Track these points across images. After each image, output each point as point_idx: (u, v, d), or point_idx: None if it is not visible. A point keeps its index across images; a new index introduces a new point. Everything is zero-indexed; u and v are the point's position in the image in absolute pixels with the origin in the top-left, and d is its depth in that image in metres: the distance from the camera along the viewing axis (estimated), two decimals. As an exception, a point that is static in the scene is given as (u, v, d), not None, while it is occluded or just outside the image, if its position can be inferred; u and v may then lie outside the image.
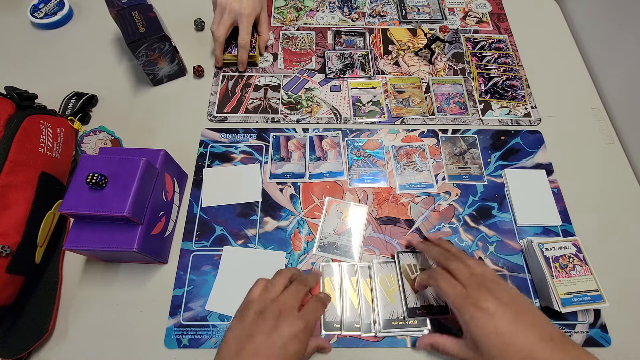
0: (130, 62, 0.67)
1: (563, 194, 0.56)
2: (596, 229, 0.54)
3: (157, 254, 0.48)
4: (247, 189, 0.56)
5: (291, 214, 0.54)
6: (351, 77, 0.66)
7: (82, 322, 0.48)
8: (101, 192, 0.42)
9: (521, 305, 0.38)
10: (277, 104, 0.63)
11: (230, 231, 0.53)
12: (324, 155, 0.59)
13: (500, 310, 0.37)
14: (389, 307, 0.48)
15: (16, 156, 0.45)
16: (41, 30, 0.71)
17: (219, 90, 0.65)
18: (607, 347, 0.47)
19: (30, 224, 0.46)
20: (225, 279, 0.50)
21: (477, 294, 0.38)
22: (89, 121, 0.62)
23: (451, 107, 0.63)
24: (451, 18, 0.74)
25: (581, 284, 0.45)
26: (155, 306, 0.48)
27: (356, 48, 0.70)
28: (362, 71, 0.67)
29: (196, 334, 0.47)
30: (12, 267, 0.43)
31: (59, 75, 0.66)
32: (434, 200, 0.55)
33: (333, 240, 0.52)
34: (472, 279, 0.39)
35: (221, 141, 0.60)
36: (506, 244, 0.52)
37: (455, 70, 0.67)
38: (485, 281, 0.39)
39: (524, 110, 0.63)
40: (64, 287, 0.49)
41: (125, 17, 0.57)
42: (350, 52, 0.69)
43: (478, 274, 0.40)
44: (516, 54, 0.69)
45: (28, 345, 0.44)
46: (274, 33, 0.71)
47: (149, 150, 0.49)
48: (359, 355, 0.46)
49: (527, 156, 0.59)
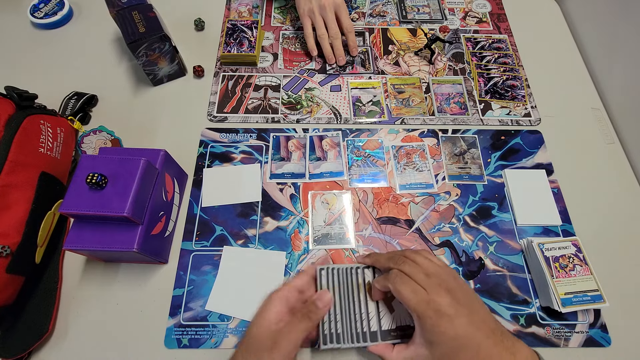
0: (130, 62, 0.67)
1: (563, 194, 0.56)
2: (596, 229, 0.54)
3: (157, 254, 0.48)
4: (247, 189, 0.56)
5: (291, 214, 0.54)
6: (351, 73, 0.67)
7: (82, 322, 0.48)
8: (101, 192, 0.42)
9: (473, 303, 0.38)
10: (277, 104, 0.63)
11: (230, 231, 0.53)
12: (324, 155, 0.59)
13: (459, 312, 0.36)
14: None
15: (16, 156, 0.45)
16: (41, 30, 0.71)
17: (219, 90, 0.65)
18: (607, 347, 0.46)
19: (30, 224, 0.46)
20: (225, 279, 0.50)
21: (438, 297, 0.36)
22: (89, 121, 0.62)
23: (451, 107, 0.63)
24: (451, 18, 0.74)
25: (581, 284, 0.45)
26: (155, 306, 0.48)
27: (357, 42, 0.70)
28: (362, 67, 0.67)
29: (196, 334, 0.47)
30: (12, 267, 0.43)
31: (59, 75, 0.66)
32: (434, 200, 0.55)
33: (326, 232, 0.53)
34: (430, 281, 0.38)
35: (221, 141, 0.60)
36: (506, 244, 0.52)
37: (455, 70, 0.67)
38: (443, 281, 0.38)
39: (524, 110, 0.63)
40: (64, 287, 0.49)
41: (125, 17, 0.57)
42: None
43: (433, 274, 0.38)
44: (516, 54, 0.69)
45: (28, 345, 0.44)
46: (274, 33, 0.71)
47: (149, 150, 0.49)
48: (359, 355, 0.46)
49: (527, 156, 0.59)
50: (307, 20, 0.65)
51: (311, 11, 0.64)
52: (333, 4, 0.63)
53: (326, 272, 0.43)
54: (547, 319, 0.48)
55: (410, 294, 0.37)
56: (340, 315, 0.41)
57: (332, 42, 0.65)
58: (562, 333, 0.47)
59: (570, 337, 0.47)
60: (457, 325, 0.35)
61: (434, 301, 0.36)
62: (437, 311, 0.36)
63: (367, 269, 0.44)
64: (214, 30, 0.72)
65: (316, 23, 0.64)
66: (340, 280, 0.43)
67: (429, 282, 0.38)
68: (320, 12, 0.64)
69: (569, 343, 0.47)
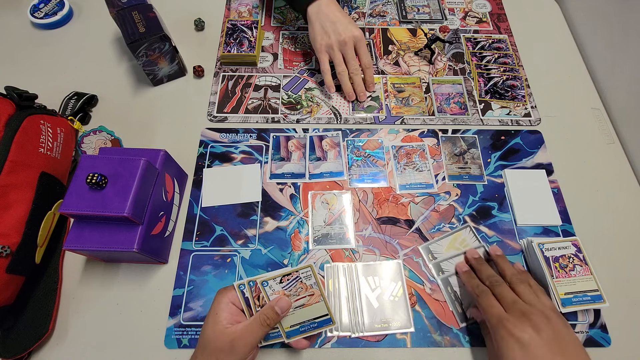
0: (130, 62, 0.67)
1: (563, 194, 0.56)
2: (596, 229, 0.54)
3: (157, 254, 0.48)
4: (247, 189, 0.56)
5: (291, 214, 0.54)
6: None
7: (82, 322, 0.48)
8: (101, 192, 0.42)
9: (565, 347, 0.35)
10: (277, 104, 0.63)
11: (230, 231, 0.53)
12: (324, 155, 0.59)
13: (536, 344, 0.35)
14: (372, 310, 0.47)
15: (16, 156, 0.45)
16: (41, 30, 0.71)
17: (219, 90, 0.65)
18: (607, 347, 0.46)
19: (30, 224, 0.46)
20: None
21: (515, 320, 0.37)
22: (89, 121, 0.62)
23: (451, 107, 0.63)
24: (451, 18, 0.74)
25: (581, 284, 0.45)
26: (155, 306, 0.48)
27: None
28: None
29: (196, 334, 0.47)
30: (12, 267, 0.43)
31: (59, 75, 0.66)
32: (434, 200, 0.55)
33: (326, 232, 0.53)
34: (515, 305, 0.38)
35: (221, 141, 0.60)
36: (506, 244, 0.52)
37: (455, 70, 0.67)
38: (531, 312, 0.37)
39: (524, 110, 0.63)
40: (64, 287, 0.49)
41: (125, 17, 0.57)
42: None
43: (525, 302, 0.39)
44: (516, 54, 0.69)
45: (28, 345, 0.44)
46: (274, 33, 0.71)
47: (149, 150, 0.49)
48: (359, 355, 0.46)
49: (527, 156, 0.59)
50: (325, 55, 0.61)
51: (329, 46, 0.59)
52: (353, 39, 0.59)
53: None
54: (547, 319, 0.48)
55: (488, 307, 0.40)
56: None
57: (352, 78, 0.62)
58: (562, 333, 0.47)
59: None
60: (531, 355, 0.34)
61: (509, 320, 0.37)
62: (508, 331, 0.37)
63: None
64: (214, 30, 0.72)
65: (335, 59, 0.60)
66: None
67: (513, 306, 0.39)
68: (340, 47, 0.59)
69: (569, 343, 0.47)
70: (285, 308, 0.41)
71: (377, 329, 0.47)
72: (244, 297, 0.41)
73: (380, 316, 0.47)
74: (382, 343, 0.46)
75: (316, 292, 0.43)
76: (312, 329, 0.42)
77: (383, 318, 0.47)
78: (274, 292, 0.42)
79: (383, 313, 0.47)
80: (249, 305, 0.41)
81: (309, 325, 0.42)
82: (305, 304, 0.42)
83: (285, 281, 0.43)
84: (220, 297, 0.41)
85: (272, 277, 0.43)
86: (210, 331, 0.38)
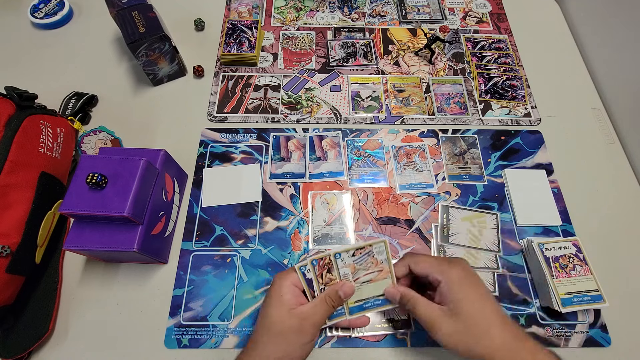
0: (130, 62, 0.67)
1: (563, 194, 0.56)
2: (596, 229, 0.54)
3: (157, 254, 0.48)
4: (247, 189, 0.56)
5: (291, 214, 0.54)
6: (354, 64, 0.67)
7: (82, 322, 0.48)
8: (101, 192, 0.42)
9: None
10: (277, 104, 0.63)
11: (230, 231, 0.53)
12: (324, 155, 0.59)
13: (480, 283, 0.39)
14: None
15: (16, 156, 0.45)
16: (41, 30, 0.71)
17: (219, 90, 0.65)
18: (607, 347, 0.46)
19: (30, 224, 0.46)
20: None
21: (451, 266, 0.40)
22: (89, 121, 0.62)
23: (451, 107, 0.63)
24: (451, 18, 0.74)
25: (581, 284, 0.45)
26: (155, 306, 0.48)
27: (358, 38, 0.71)
28: (364, 59, 0.67)
29: (196, 334, 0.47)
30: (12, 267, 0.43)
31: (59, 75, 0.66)
32: (434, 200, 0.55)
33: (326, 232, 0.53)
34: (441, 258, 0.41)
35: (221, 141, 0.60)
36: (506, 244, 0.52)
37: (455, 70, 0.67)
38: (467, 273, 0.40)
39: (524, 110, 0.63)
40: (64, 287, 0.49)
41: (125, 17, 0.57)
42: (353, 41, 0.70)
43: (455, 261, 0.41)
44: (516, 54, 0.69)
45: (28, 345, 0.44)
46: (274, 33, 0.71)
47: (149, 150, 0.49)
48: (359, 355, 0.46)
49: (527, 156, 0.59)
50: None
51: None
52: None
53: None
54: (547, 319, 0.48)
55: (425, 262, 0.41)
56: None
57: None
58: (562, 333, 0.47)
59: (570, 337, 0.47)
60: (484, 290, 0.39)
61: (456, 264, 0.40)
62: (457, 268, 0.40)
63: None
64: (214, 30, 0.72)
65: None
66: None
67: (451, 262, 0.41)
68: None
69: (569, 343, 0.47)
70: (349, 294, 0.41)
71: (377, 329, 0.47)
72: (305, 278, 0.41)
73: (380, 316, 0.47)
74: (382, 343, 0.46)
75: (385, 269, 0.42)
76: (375, 306, 0.42)
77: (383, 318, 0.47)
78: (345, 265, 0.42)
79: (383, 313, 0.47)
80: (310, 286, 0.41)
81: (373, 302, 0.42)
82: (372, 279, 0.42)
83: (357, 255, 0.42)
84: (281, 280, 0.41)
85: (345, 249, 0.42)
86: (276, 313, 0.38)
